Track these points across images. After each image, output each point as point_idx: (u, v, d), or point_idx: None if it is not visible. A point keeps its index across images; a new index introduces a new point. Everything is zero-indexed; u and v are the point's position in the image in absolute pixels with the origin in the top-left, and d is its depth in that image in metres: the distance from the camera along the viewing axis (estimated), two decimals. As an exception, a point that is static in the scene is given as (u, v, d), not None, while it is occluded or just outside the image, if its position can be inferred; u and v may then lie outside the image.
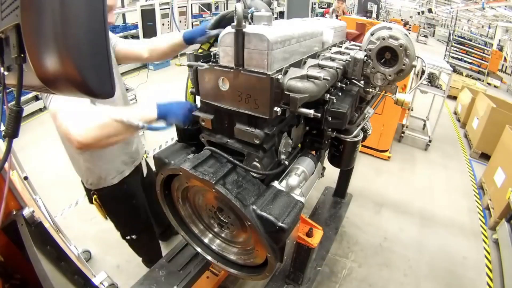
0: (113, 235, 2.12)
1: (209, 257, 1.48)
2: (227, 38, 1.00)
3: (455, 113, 5.89)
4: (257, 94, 1.00)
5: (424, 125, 5.16)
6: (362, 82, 1.46)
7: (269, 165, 1.19)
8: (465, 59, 7.53)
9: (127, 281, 1.90)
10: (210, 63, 1.09)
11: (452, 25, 8.73)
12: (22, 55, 0.49)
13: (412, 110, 5.42)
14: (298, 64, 1.20)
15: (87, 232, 2.84)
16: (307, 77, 1.03)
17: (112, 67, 0.54)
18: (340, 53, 1.52)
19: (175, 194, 1.39)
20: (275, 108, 1.01)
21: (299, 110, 1.04)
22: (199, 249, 1.50)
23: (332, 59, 1.38)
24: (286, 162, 1.23)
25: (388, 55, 1.37)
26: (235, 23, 0.93)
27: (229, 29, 0.97)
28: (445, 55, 7.62)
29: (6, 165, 0.68)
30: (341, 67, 1.25)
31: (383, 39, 1.32)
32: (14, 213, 1.13)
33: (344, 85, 1.40)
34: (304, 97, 1.01)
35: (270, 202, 1.10)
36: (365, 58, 1.35)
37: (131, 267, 2.53)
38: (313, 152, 1.42)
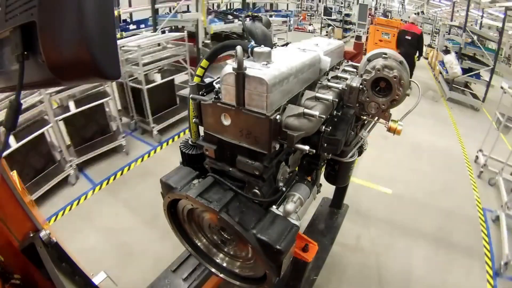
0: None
1: (213, 270, 1.58)
2: (229, 78, 1.07)
3: (429, 63, 11.68)
4: (257, 132, 1.08)
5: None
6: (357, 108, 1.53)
7: (268, 191, 1.28)
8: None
9: None
10: (213, 99, 1.15)
11: (435, 22, 15.07)
12: (25, 53, 0.54)
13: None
14: (296, 97, 1.27)
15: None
16: (304, 114, 1.10)
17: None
18: (337, 77, 1.59)
19: (181, 213, 1.48)
20: (274, 144, 1.09)
21: (295, 146, 1.12)
22: (204, 262, 1.60)
23: (329, 87, 1.45)
24: (284, 189, 1.32)
25: (383, 83, 1.43)
26: (236, 66, 1.00)
27: (230, 70, 1.04)
28: (431, 41, 13.27)
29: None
30: (337, 99, 1.32)
31: (378, 70, 1.38)
32: (32, 235, 1.22)
33: (339, 112, 1.47)
34: (300, 134, 1.09)
35: (269, 227, 1.19)
36: (360, 86, 1.41)
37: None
38: (309, 178, 1.51)
